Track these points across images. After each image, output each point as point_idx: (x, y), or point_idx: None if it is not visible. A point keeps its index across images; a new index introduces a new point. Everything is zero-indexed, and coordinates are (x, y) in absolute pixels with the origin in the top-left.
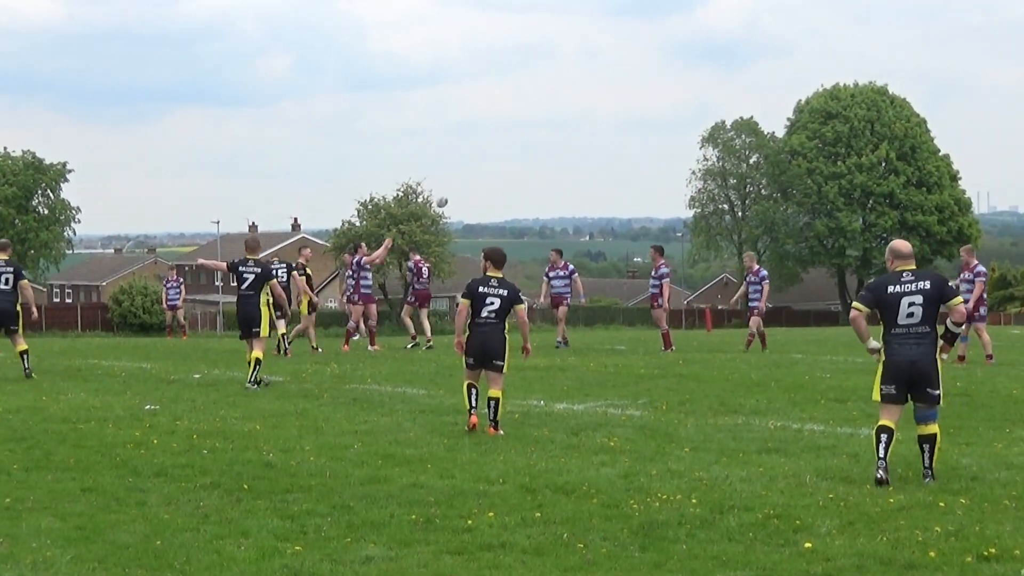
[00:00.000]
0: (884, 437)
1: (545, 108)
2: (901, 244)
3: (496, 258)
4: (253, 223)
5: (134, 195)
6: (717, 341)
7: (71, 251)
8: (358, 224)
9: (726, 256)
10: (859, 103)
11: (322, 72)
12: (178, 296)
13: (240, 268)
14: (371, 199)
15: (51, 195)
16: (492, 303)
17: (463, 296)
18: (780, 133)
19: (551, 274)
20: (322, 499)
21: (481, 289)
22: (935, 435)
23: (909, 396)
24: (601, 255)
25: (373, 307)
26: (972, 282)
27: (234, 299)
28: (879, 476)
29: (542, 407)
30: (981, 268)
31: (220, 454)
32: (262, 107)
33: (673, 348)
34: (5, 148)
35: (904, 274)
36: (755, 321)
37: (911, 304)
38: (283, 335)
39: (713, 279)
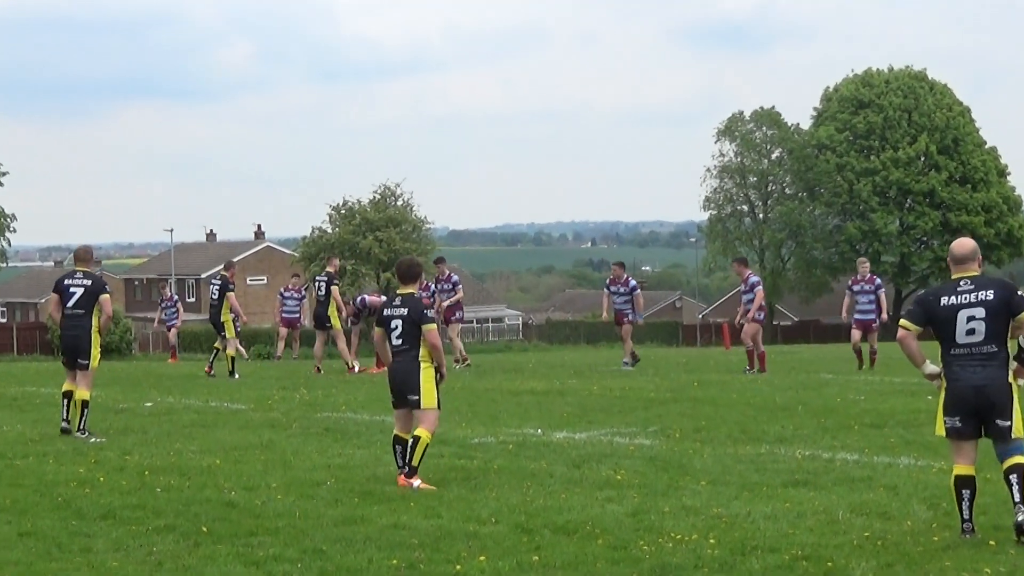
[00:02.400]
0: (966, 493)
1: (539, 100)
2: (959, 244)
3: (402, 271)
4: (211, 231)
5: (77, 201)
6: (737, 360)
7: (5, 264)
8: (330, 231)
9: None
10: (894, 90)
11: (287, 62)
12: (175, 316)
13: (67, 282)
14: (344, 203)
15: None
16: (395, 327)
17: (375, 323)
18: (805, 125)
19: (612, 288)
20: (291, 543)
21: (386, 312)
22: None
23: (982, 429)
24: (605, 264)
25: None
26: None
27: (196, 316)
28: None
29: (539, 436)
30: None
31: (175, 493)
32: (221, 101)
33: (766, 371)
34: None
35: (962, 282)
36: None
37: (970, 319)
38: (231, 357)
39: (732, 290)
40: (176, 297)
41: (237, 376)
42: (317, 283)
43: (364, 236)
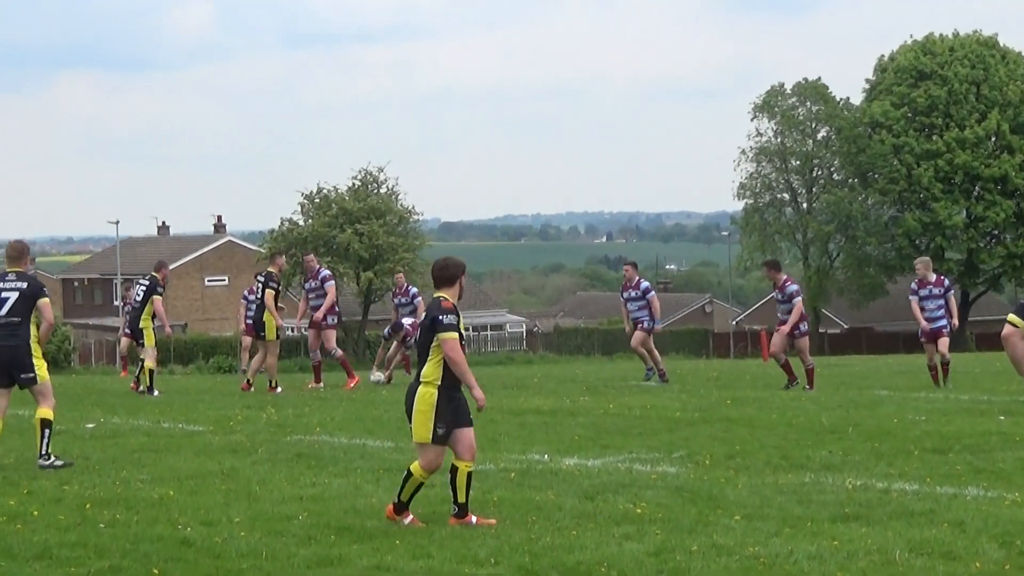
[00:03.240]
0: None
1: (546, 72)
2: None
3: (435, 273)
4: (163, 223)
5: (6, 188)
6: (777, 373)
7: None
8: (302, 223)
9: (787, 261)
10: (960, 59)
11: (252, 26)
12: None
13: None
14: (319, 191)
15: None
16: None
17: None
18: (856, 99)
19: (625, 294)
20: None
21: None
22: None
23: None
24: (623, 262)
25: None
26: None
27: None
28: None
29: (546, 463)
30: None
31: (121, 529)
32: (175, 72)
33: (813, 388)
34: None
35: None
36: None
37: None
38: (151, 370)
39: (770, 292)
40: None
41: (157, 393)
42: (256, 284)
43: (342, 229)
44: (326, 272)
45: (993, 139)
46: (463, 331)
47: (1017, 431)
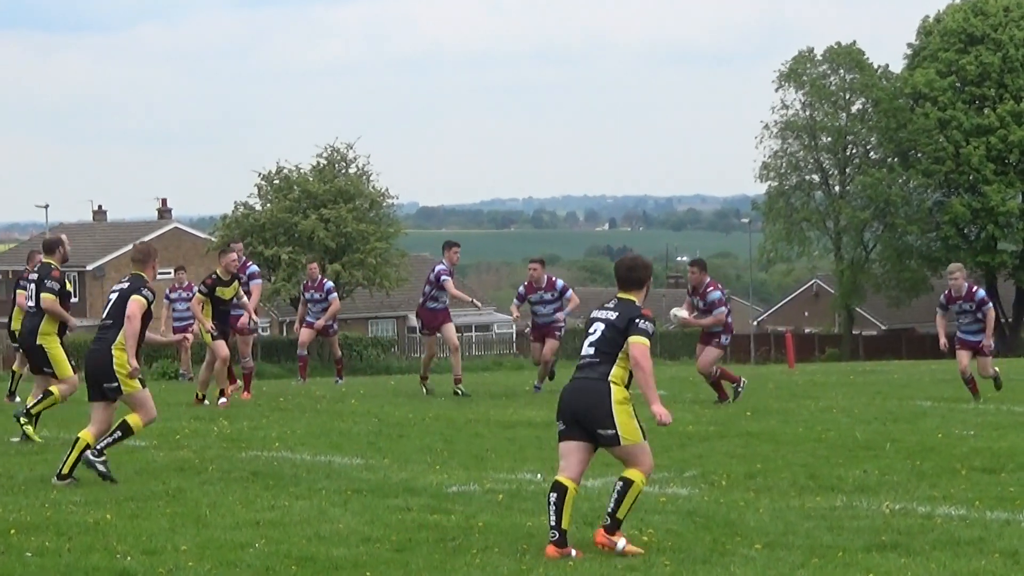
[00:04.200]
0: None
1: (541, 35)
2: None
3: (621, 275)
4: (100, 207)
5: None
6: (804, 382)
7: None
8: (259, 208)
9: (816, 252)
10: (1016, 21)
11: None
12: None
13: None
14: (278, 171)
15: None
16: (594, 330)
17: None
18: (897, 67)
19: (534, 296)
20: None
21: (592, 313)
22: None
23: None
24: (627, 252)
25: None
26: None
27: (81, 321)
28: None
29: (539, 484)
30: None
31: (52, 558)
32: (112, 34)
33: (728, 398)
34: None
35: None
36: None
37: None
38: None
39: (798, 287)
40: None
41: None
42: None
43: (305, 215)
44: (253, 268)
45: None
46: None
47: None
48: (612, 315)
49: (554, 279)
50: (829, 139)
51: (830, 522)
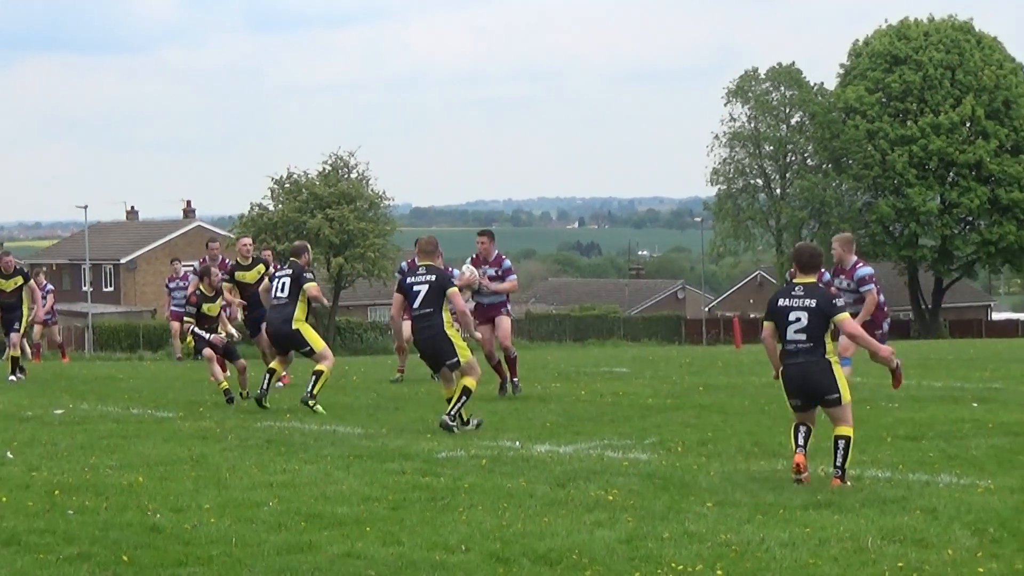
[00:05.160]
0: None
1: (518, 56)
2: None
3: (803, 261)
4: (132, 208)
5: None
6: (750, 361)
7: None
8: (272, 208)
9: (760, 247)
10: (935, 44)
11: (218, 8)
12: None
13: (409, 280)
14: (289, 176)
15: None
16: (798, 319)
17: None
18: (831, 84)
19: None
20: (226, 574)
21: (781, 302)
22: None
23: None
24: (595, 247)
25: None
26: (854, 291)
27: (115, 308)
28: None
29: (517, 450)
30: (865, 271)
31: (90, 515)
32: (140, 55)
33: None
34: None
35: None
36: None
37: None
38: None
39: (744, 278)
40: (49, 286)
41: (14, 379)
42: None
43: (312, 214)
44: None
45: (968, 125)
46: None
47: (990, 418)
48: (811, 303)
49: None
50: (771, 148)
51: (772, 483)
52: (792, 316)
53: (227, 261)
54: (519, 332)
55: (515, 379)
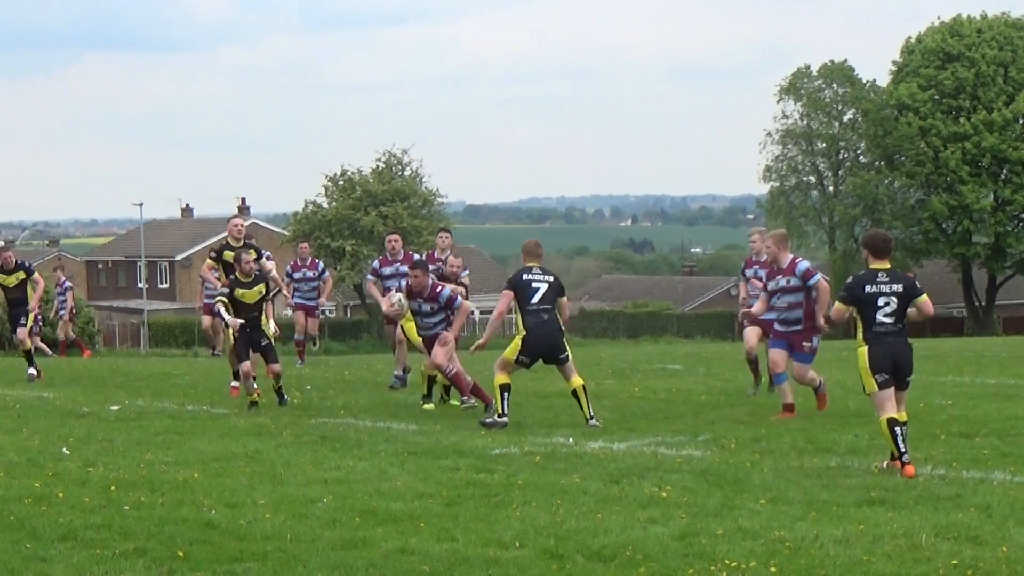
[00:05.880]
0: None
1: (570, 52)
2: None
3: (876, 245)
4: (187, 205)
5: (28, 170)
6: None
7: None
8: (326, 205)
9: (813, 244)
10: (988, 41)
11: (273, 7)
12: (64, 306)
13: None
14: (343, 173)
15: None
16: (887, 303)
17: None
18: (883, 81)
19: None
20: (281, 569)
21: (873, 289)
22: None
23: None
24: (648, 244)
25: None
26: (797, 290)
27: (171, 304)
28: None
29: (571, 447)
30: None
31: (146, 511)
32: (196, 53)
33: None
34: None
35: None
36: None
37: None
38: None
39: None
40: (68, 283)
41: (34, 372)
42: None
43: (366, 212)
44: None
45: (1021, 121)
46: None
47: None
48: (898, 287)
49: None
50: (824, 145)
51: (826, 480)
52: (881, 301)
53: (317, 262)
54: (573, 328)
55: (464, 397)
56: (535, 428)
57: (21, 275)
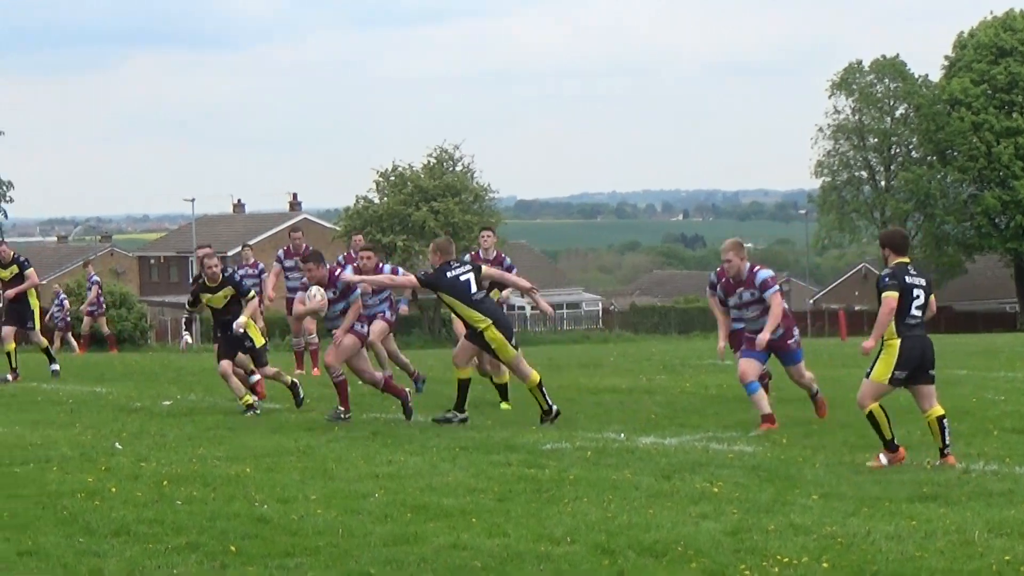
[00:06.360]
0: None
1: (620, 48)
2: None
3: (897, 242)
4: (239, 201)
5: (81, 166)
6: (855, 353)
7: (1, 239)
8: (377, 201)
9: (865, 239)
10: None
11: (322, 4)
12: (99, 301)
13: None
14: (394, 169)
15: None
16: (917, 296)
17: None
18: (935, 76)
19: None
20: (333, 564)
21: (908, 280)
22: None
23: None
24: (699, 240)
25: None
26: (760, 302)
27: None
28: None
29: (622, 442)
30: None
31: (198, 506)
32: (245, 51)
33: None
34: None
35: None
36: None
37: None
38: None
39: (849, 270)
40: (95, 276)
41: (57, 367)
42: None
43: (417, 207)
44: (262, 265)
45: None
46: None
47: None
48: (923, 281)
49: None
50: (876, 140)
51: (877, 476)
52: (915, 293)
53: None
54: (624, 324)
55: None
56: (586, 423)
57: (15, 269)
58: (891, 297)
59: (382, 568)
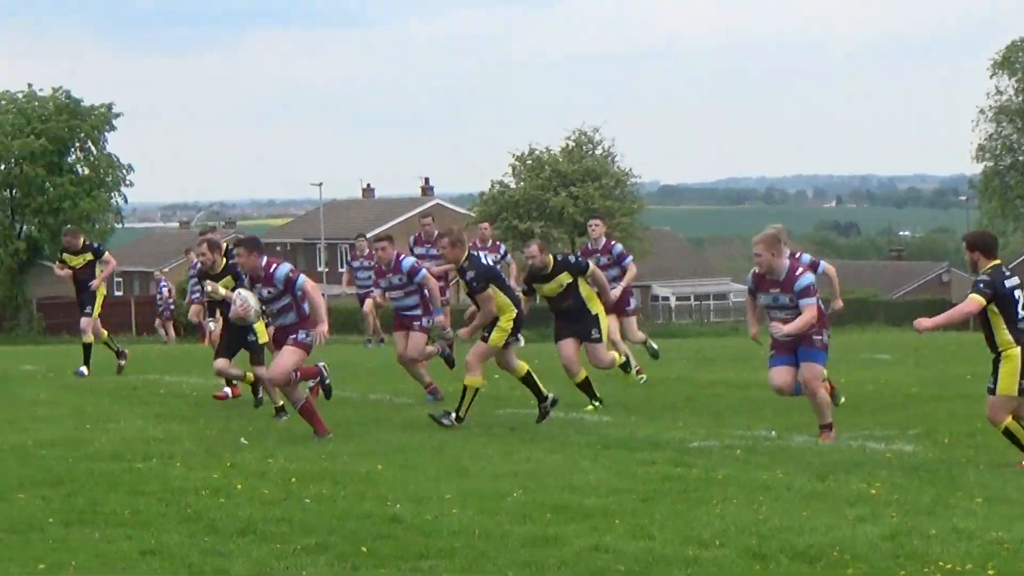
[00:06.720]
0: None
1: (769, 26)
2: None
3: (988, 243)
4: (368, 185)
5: (204, 149)
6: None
7: (120, 225)
8: (513, 186)
9: None
10: None
11: None
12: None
13: None
14: (531, 152)
15: (92, 149)
16: (1019, 298)
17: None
18: None
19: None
20: (469, 567)
21: (1008, 284)
22: None
23: None
24: (853, 227)
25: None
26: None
27: (345, 289)
28: None
29: (774, 440)
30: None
31: (328, 504)
32: (377, 27)
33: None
34: (29, 85)
35: None
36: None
37: None
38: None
39: (1013, 259)
40: (198, 264)
41: (85, 370)
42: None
43: (555, 192)
44: (504, 247)
45: None
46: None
47: None
48: (1018, 282)
49: (401, 257)
50: None
51: None
52: (1016, 295)
53: (499, 244)
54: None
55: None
56: (735, 420)
57: (88, 256)
58: (976, 301)
59: (520, 571)
